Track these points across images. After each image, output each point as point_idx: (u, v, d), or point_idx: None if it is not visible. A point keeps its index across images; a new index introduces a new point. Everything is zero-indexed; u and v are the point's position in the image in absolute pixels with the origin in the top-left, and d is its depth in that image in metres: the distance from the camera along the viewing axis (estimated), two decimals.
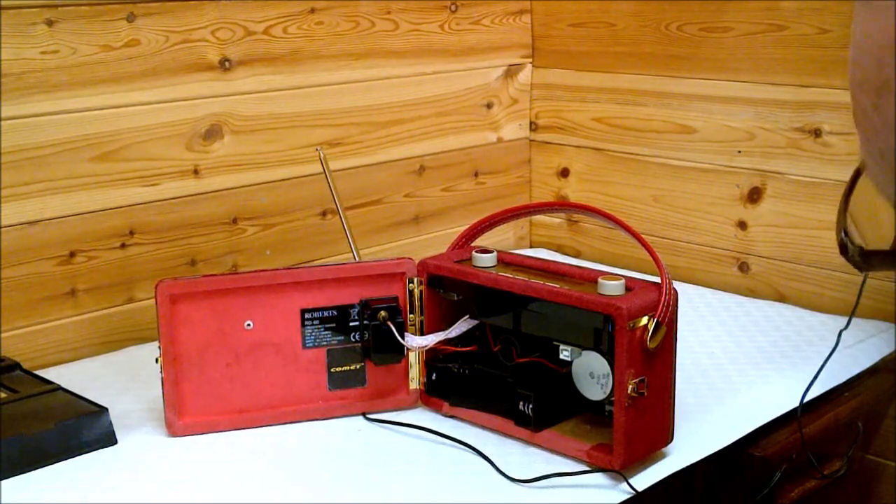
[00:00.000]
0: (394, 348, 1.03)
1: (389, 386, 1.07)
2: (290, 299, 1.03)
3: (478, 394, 1.04)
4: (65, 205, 1.19)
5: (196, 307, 0.99)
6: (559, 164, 1.65)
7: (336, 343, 1.05)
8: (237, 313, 1.01)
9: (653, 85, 1.50)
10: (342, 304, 1.04)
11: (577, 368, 0.96)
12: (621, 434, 0.91)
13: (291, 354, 1.03)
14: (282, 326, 1.03)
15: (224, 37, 1.29)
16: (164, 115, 1.25)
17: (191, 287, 0.99)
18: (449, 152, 1.57)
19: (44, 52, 1.15)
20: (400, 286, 1.05)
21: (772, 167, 1.39)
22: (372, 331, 1.03)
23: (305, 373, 1.04)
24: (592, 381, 0.94)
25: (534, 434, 0.98)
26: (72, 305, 1.22)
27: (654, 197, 1.53)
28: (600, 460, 0.93)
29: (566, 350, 0.97)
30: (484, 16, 1.57)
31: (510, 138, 1.66)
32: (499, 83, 1.62)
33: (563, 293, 0.95)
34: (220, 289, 1.00)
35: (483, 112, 1.61)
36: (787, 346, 1.24)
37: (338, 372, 1.05)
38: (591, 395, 0.95)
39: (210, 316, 1.00)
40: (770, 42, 1.36)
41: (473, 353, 1.05)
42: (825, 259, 1.35)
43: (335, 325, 1.04)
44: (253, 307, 1.01)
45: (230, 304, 1.01)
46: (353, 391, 1.06)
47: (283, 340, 1.03)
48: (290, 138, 1.38)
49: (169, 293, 0.98)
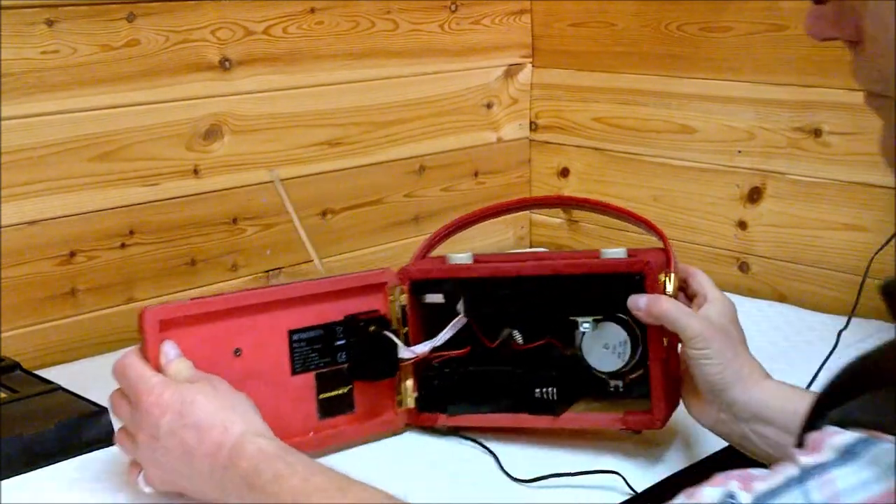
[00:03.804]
0: (387, 363, 0.98)
1: (377, 409, 1.00)
2: (277, 320, 0.94)
3: (477, 397, 1.01)
4: (65, 205, 1.19)
5: (184, 335, 0.88)
6: (559, 164, 1.65)
7: (323, 366, 0.97)
8: (225, 339, 0.91)
9: (653, 85, 1.50)
10: (327, 322, 0.97)
11: (588, 343, 0.95)
12: (660, 391, 0.92)
13: (280, 383, 0.95)
14: (270, 351, 0.94)
15: (224, 37, 1.29)
16: (164, 115, 1.25)
17: (180, 311, 0.89)
18: (449, 152, 1.57)
19: (44, 52, 1.15)
20: (381, 297, 0.99)
21: (772, 167, 1.39)
22: (362, 347, 0.98)
23: (295, 402, 0.95)
24: (607, 353, 0.94)
25: (556, 419, 0.97)
26: (72, 305, 1.22)
27: (654, 197, 1.53)
28: (639, 423, 0.93)
29: (586, 323, 0.95)
30: (484, 16, 1.57)
31: (510, 138, 1.66)
32: (499, 83, 1.62)
33: (583, 264, 0.96)
34: (209, 312, 0.90)
35: (483, 112, 1.61)
36: (787, 346, 1.24)
37: (326, 398, 0.97)
38: (607, 367, 0.95)
39: (198, 345, 0.89)
40: (770, 42, 1.36)
41: (465, 357, 1.01)
42: (825, 259, 1.35)
43: (321, 346, 0.97)
44: (241, 331, 0.92)
45: (218, 329, 0.91)
46: (343, 418, 0.98)
47: (271, 367, 0.94)
48: (290, 138, 1.38)
49: (158, 319, 0.86)
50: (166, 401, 0.81)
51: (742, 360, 0.89)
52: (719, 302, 0.93)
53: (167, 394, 0.82)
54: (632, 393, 0.96)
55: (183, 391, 0.82)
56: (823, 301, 1.35)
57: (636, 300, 0.91)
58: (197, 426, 0.80)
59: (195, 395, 0.82)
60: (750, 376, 0.89)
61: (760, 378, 0.89)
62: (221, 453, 0.79)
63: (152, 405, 0.81)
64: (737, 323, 0.94)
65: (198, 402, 0.81)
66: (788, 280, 1.40)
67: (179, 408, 0.81)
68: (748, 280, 1.44)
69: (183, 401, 0.81)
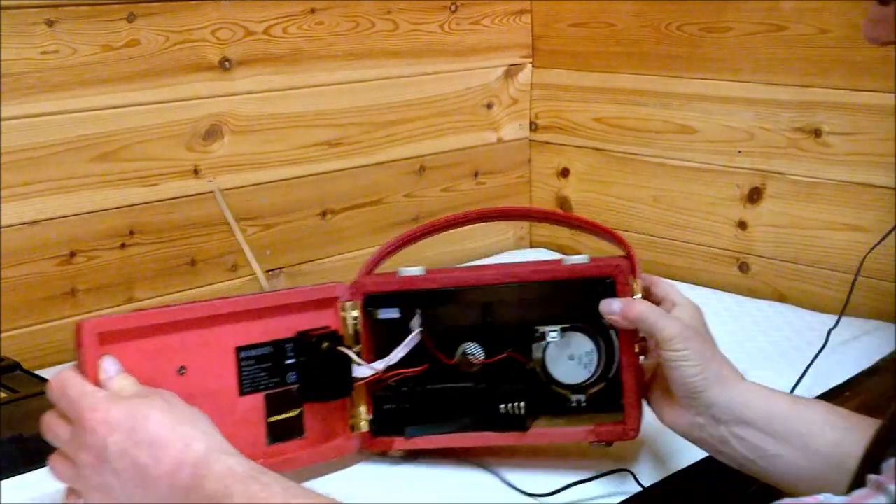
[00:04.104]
0: (340, 382, 0.92)
1: (329, 433, 0.93)
2: (224, 336, 0.88)
3: (437, 417, 0.94)
4: (65, 205, 1.19)
5: (125, 349, 0.81)
6: (559, 164, 1.65)
7: (273, 386, 0.90)
8: (170, 356, 0.85)
9: (653, 85, 1.50)
10: (277, 340, 0.90)
11: (552, 355, 0.92)
12: (634, 399, 0.90)
13: (228, 404, 0.87)
14: (217, 369, 0.87)
15: (224, 37, 1.29)
16: (164, 115, 1.25)
17: (121, 324, 0.82)
18: (449, 152, 1.57)
19: (44, 52, 1.15)
20: (332, 313, 0.94)
21: (772, 167, 1.39)
22: (314, 365, 0.91)
23: (243, 425, 0.88)
24: (573, 364, 0.92)
25: (523, 435, 0.93)
26: (72, 305, 1.22)
27: (654, 197, 1.53)
28: (612, 434, 0.91)
29: (553, 332, 0.92)
30: (484, 16, 1.57)
31: (510, 138, 1.66)
32: (499, 83, 1.62)
33: (549, 270, 0.93)
34: (152, 325, 0.84)
35: (483, 112, 1.61)
36: (787, 346, 1.24)
37: (276, 422, 0.90)
38: (573, 379, 0.92)
39: (140, 362, 0.82)
40: (770, 42, 1.36)
41: (423, 375, 0.95)
42: (825, 259, 1.35)
43: (271, 365, 0.90)
44: (186, 348, 0.85)
45: (162, 344, 0.84)
46: (293, 443, 0.91)
47: (218, 387, 0.87)
48: (290, 138, 1.38)
49: (97, 332, 0.79)
50: (115, 417, 0.73)
51: (720, 361, 0.87)
52: (688, 306, 0.91)
53: (115, 410, 0.74)
54: (595, 408, 0.93)
55: (133, 406, 0.74)
56: (823, 301, 1.35)
57: (609, 304, 0.89)
58: (152, 444, 0.72)
59: (148, 409, 0.74)
60: (728, 377, 0.86)
61: (738, 379, 0.87)
62: (182, 473, 0.72)
63: (98, 423, 0.73)
64: (706, 326, 0.91)
65: (152, 417, 0.73)
66: (788, 280, 1.40)
67: (131, 424, 0.73)
68: (748, 280, 1.44)
69: (135, 417, 0.73)
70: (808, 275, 1.37)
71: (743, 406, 0.85)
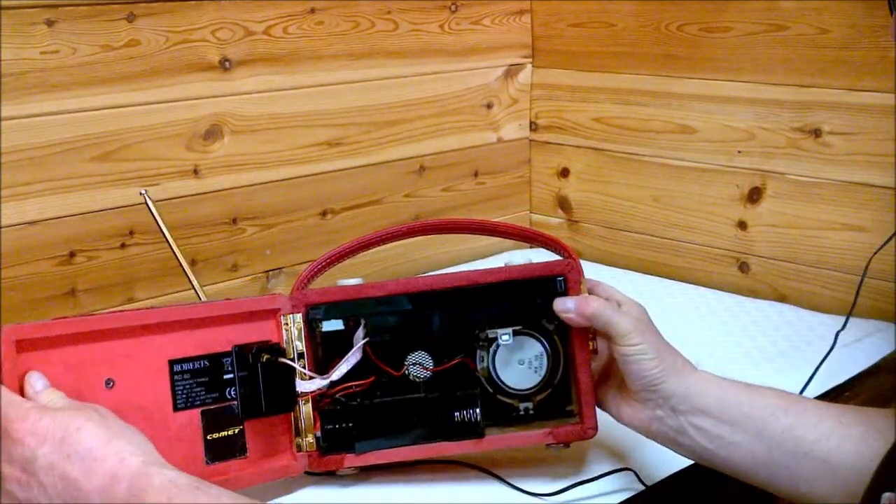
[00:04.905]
0: (284, 396, 0.89)
1: (273, 452, 0.90)
2: (156, 348, 0.84)
3: (388, 430, 0.91)
4: (65, 205, 1.19)
5: (46, 361, 0.77)
6: (559, 164, 1.65)
7: (210, 402, 0.86)
8: (95, 368, 0.81)
9: (653, 85, 1.50)
10: (214, 353, 0.86)
11: (501, 360, 0.92)
12: (590, 397, 0.90)
13: (160, 420, 0.83)
14: (148, 383, 0.83)
15: (224, 37, 1.29)
16: (164, 115, 1.25)
17: (41, 332, 0.78)
18: (449, 152, 1.57)
19: (44, 52, 1.15)
20: (272, 325, 0.90)
21: (772, 167, 1.39)
22: (254, 378, 0.87)
23: (178, 443, 0.84)
24: (523, 368, 0.92)
25: (479, 442, 0.91)
26: (72, 305, 1.22)
27: (654, 197, 1.53)
28: (571, 434, 0.91)
29: (505, 334, 0.91)
30: (484, 16, 1.57)
31: (510, 138, 1.66)
32: (499, 83, 1.62)
33: (500, 271, 0.92)
34: (74, 333, 0.80)
35: (483, 112, 1.61)
36: (787, 346, 1.24)
37: (215, 439, 0.86)
38: (524, 384, 0.92)
39: (63, 373, 0.78)
40: (770, 42, 1.36)
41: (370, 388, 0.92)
42: (825, 259, 1.35)
43: (208, 380, 0.86)
44: (113, 359, 0.81)
45: (86, 355, 0.80)
46: (234, 462, 0.87)
47: (149, 402, 0.83)
48: (290, 138, 1.38)
49: (14, 340, 0.75)
50: (44, 428, 0.69)
51: (673, 353, 0.88)
52: (634, 304, 0.91)
53: (45, 420, 0.70)
54: (543, 416, 0.93)
55: (65, 418, 0.70)
56: (823, 301, 1.35)
57: (563, 302, 0.90)
58: (84, 457, 0.69)
59: (81, 421, 0.70)
60: (684, 367, 0.88)
61: (693, 369, 0.88)
62: (118, 487, 0.68)
63: (26, 433, 0.69)
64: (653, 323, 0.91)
65: (85, 429, 0.70)
66: (788, 280, 1.40)
67: (62, 436, 0.69)
68: (748, 280, 1.44)
69: (66, 428, 0.70)
70: (808, 275, 1.37)
71: (698, 395, 0.86)
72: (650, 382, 0.86)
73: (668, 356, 0.87)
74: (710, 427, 0.85)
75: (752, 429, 0.84)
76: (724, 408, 0.85)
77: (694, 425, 0.86)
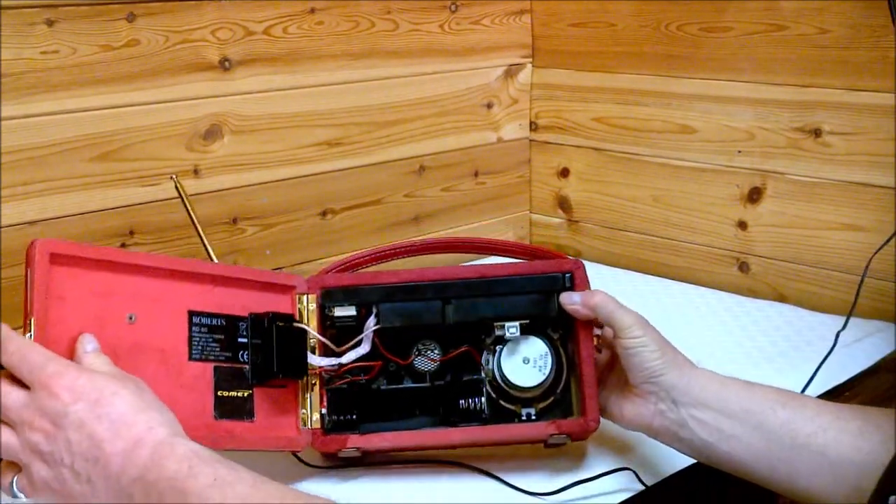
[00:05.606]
0: (296, 362, 0.91)
1: (278, 424, 0.91)
2: (179, 295, 0.86)
3: (393, 416, 0.93)
4: (65, 205, 1.19)
5: (75, 280, 0.78)
6: (559, 164, 1.65)
7: (224, 360, 0.88)
8: (120, 298, 0.82)
9: (653, 85, 1.50)
10: (232, 315, 0.89)
11: (506, 359, 0.93)
12: (592, 389, 0.92)
13: (176, 365, 0.85)
14: (167, 327, 0.85)
15: (224, 37, 1.29)
16: (164, 115, 1.25)
17: (75, 250, 0.79)
18: (449, 152, 1.57)
19: (44, 52, 1.15)
20: (287, 300, 0.93)
21: (772, 167, 1.39)
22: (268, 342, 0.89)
23: (190, 391, 0.85)
24: (527, 367, 0.93)
25: (484, 430, 0.92)
26: None
27: (653, 197, 1.53)
28: (572, 426, 0.92)
29: (513, 327, 0.93)
30: (484, 16, 1.57)
31: (510, 138, 1.66)
32: (499, 83, 1.62)
33: (514, 266, 0.96)
34: (106, 260, 0.81)
35: (483, 112, 1.61)
36: (787, 346, 1.24)
37: (224, 397, 0.87)
38: (528, 382, 0.93)
39: (89, 297, 0.79)
40: (770, 42, 1.36)
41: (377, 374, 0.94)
42: (825, 259, 1.35)
43: (223, 338, 0.88)
44: (138, 296, 0.83)
45: (115, 286, 0.81)
46: (241, 424, 0.88)
47: (166, 346, 0.84)
48: (290, 138, 1.38)
49: (49, 251, 0.77)
50: (82, 386, 0.71)
51: (674, 350, 0.91)
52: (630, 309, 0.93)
53: (83, 379, 0.71)
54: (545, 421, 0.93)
55: (104, 381, 0.72)
56: (823, 301, 1.35)
57: (570, 296, 0.93)
58: (114, 420, 0.70)
59: (119, 388, 0.72)
60: (685, 363, 0.90)
61: (693, 366, 0.91)
62: (140, 452, 0.70)
63: (63, 388, 0.71)
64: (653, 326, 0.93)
65: (121, 395, 0.72)
66: (788, 280, 1.40)
67: (97, 397, 0.71)
68: (748, 280, 1.44)
69: (102, 391, 0.71)
70: (808, 275, 1.37)
71: (699, 388, 0.88)
72: (652, 374, 0.88)
73: (668, 350, 0.90)
74: (710, 420, 0.87)
75: (751, 422, 0.86)
76: (724, 402, 0.87)
77: (695, 418, 0.88)
